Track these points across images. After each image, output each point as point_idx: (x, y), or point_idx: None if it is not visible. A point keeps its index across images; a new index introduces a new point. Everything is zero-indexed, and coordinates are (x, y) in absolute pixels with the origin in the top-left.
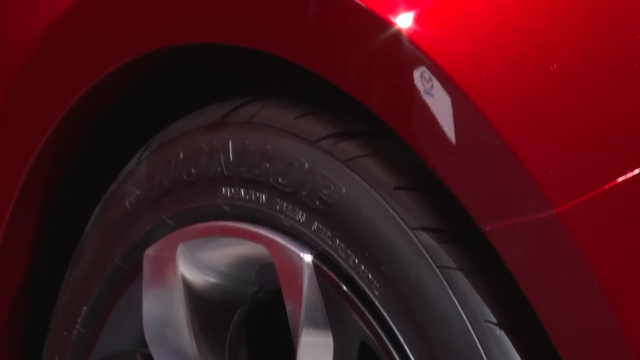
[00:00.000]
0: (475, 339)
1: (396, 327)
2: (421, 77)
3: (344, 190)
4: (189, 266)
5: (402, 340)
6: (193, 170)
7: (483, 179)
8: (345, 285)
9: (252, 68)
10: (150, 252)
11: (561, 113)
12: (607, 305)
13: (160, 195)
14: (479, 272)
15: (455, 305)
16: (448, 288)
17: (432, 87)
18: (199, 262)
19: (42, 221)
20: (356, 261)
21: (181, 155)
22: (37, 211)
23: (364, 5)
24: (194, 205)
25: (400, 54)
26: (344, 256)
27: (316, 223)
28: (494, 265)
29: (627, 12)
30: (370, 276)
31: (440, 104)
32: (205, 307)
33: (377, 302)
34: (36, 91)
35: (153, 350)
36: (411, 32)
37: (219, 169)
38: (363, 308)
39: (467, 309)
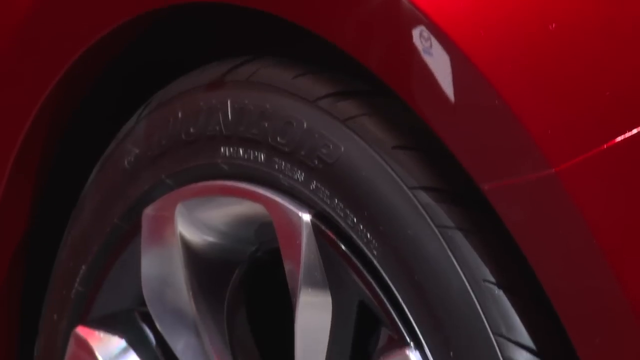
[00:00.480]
0: (474, 298)
1: (395, 287)
2: (420, 37)
3: (342, 149)
4: (188, 225)
5: (400, 299)
6: (192, 130)
7: (482, 139)
8: (344, 245)
9: (251, 29)
10: (149, 211)
11: (560, 73)
12: (605, 265)
13: (159, 155)
14: (478, 232)
15: (454, 265)
16: (447, 247)
17: (431, 46)
18: (197, 221)
19: (41, 178)
20: (355, 220)
21: (180, 115)
22: (36, 168)
23: None
24: (192, 165)
25: (399, 13)
26: (342, 215)
27: (315, 182)
28: (492, 224)
29: None
30: (368, 235)
31: (438, 63)
32: (204, 266)
33: (375, 262)
34: (37, 48)
35: (152, 309)
36: None
37: (217, 128)
38: (362, 267)
39: (466, 269)
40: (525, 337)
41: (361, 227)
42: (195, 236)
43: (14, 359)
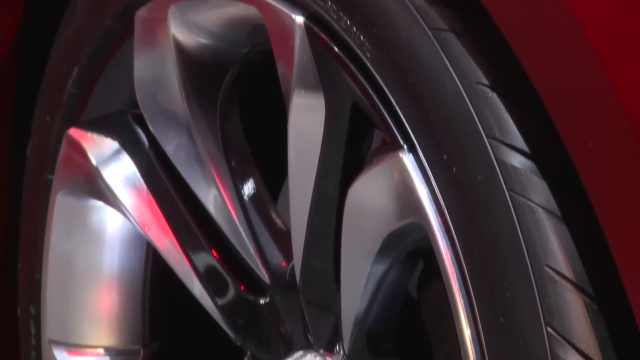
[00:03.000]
0: (467, 101)
1: (388, 89)
2: None
3: None
4: (181, 27)
5: (394, 102)
6: None
7: None
8: (337, 47)
9: None
10: (141, 13)
11: None
12: (599, 66)
13: None
14: (471, 34)
15: (447, 67)
16: (440, 50)
17: None
18: (190, 23)
19: None
20: (348, 23)
21: None
22: None
23: None
24: None
25: None
26: (335, 18)
27: None
28: (485, 26)
29: None
30: (362, 38)
31: None
32: (197, 68)
33: (369, 64)
34: None
35: (144, 111)
36: None
37: None
38: (355, 70)
39: (459, 71)
40: (518, 140)
41: (354, 29)
42: (188, 38)
43: (8, 160)
